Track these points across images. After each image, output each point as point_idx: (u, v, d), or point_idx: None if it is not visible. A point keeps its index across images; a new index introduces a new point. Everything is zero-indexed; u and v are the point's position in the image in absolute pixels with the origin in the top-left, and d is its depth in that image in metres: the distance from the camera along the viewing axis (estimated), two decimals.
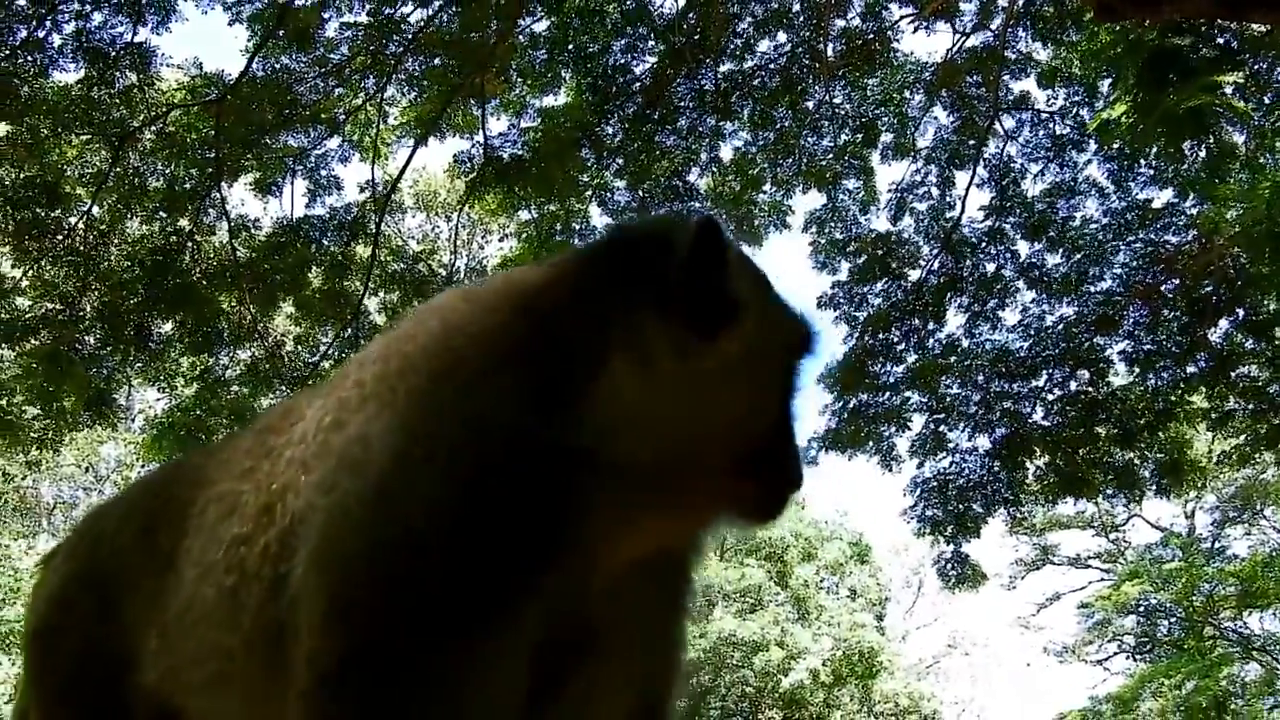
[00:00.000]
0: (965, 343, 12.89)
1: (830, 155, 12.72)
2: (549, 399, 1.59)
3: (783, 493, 1.74)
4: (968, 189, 12.73)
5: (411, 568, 1.55)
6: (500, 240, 14.03)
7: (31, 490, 22.53)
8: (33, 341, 11.24)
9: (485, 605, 1.56)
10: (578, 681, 1.75)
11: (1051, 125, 12.50)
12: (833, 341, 12.76)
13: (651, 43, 11.93)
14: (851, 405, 12.98)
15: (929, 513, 12.91)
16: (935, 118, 12.81)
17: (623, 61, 11.84)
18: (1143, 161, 11.96)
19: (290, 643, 1.64)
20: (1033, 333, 12.71)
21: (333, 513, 1.62)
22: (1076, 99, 12.28)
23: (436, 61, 11.60)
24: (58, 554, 2.41)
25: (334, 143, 12.21)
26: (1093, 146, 12.28)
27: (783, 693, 29.70)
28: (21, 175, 10.73)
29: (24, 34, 10.22)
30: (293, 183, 12.10)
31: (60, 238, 11.12)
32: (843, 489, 75.14)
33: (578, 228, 12.57)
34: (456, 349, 1.68)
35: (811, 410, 13.04)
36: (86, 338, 11.50)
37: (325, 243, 12.08)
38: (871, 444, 13.01)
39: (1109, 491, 13.59)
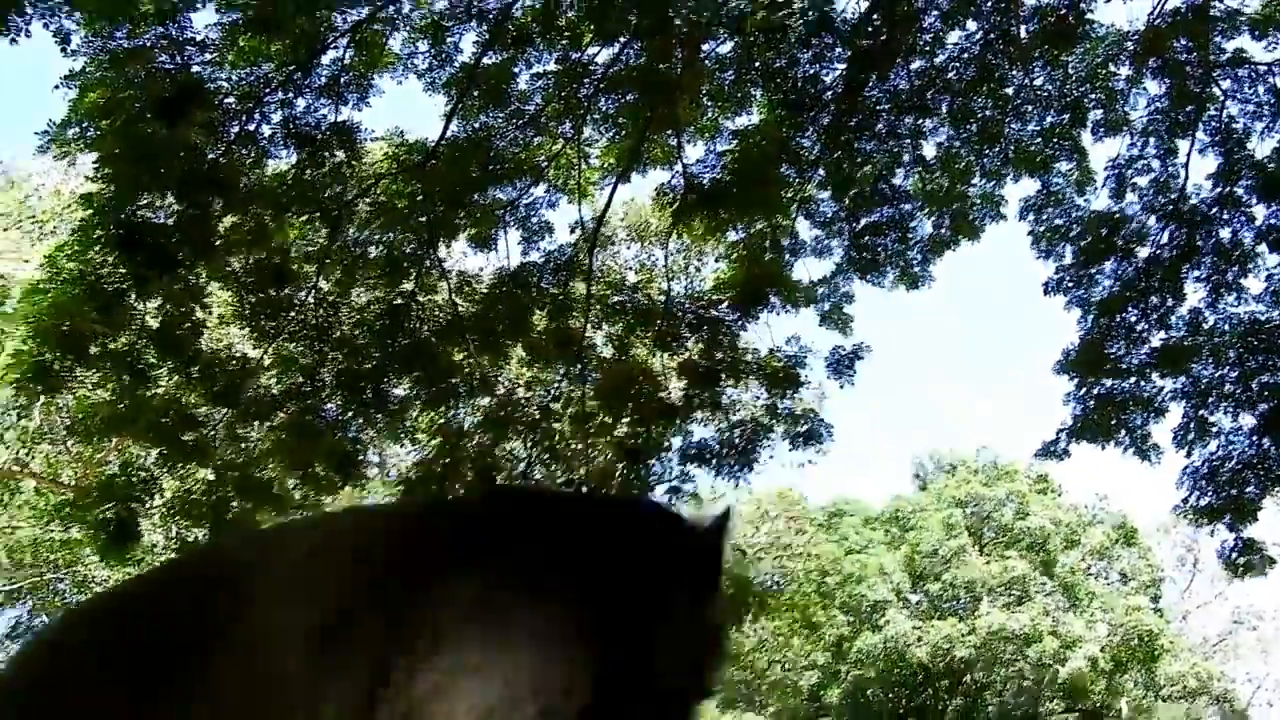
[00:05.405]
0: (1211, 318, 12.25)
1: (1038, 139, 12.31)
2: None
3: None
4: (1188, 157, 12.14)
5: None
6: (715, 261, 14.07)
7: None
8: (280, 415, 11.81)
9: None
10: None
11: (1272, 78, 11.78)
12: (1068, 327, 12.39)
13: (839, 49, 11.78)
14: (1096, 392, 12.52)
15: (1202, 501, 12.27)
16: (1144, 88, 12.25)
17: (811, 72, 11.72)
18: None
19: None
20: None
21: None
22: None
23: (628, 97, 11.73)
24: None
25: (540, 189, 12.45)
26: None
27: (1062, 683, 29.06)
28: (251, 261, 11.30)
29: (236, 128, 10.78)
30: (506, 234, 12.39)
31: (293, 314, 11.65)
32: (1099, 471, 72.75)
33: (786, 244, 12.50)
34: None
35: (1055, 399, 12.70)
36: (328, 405, 11.99)
37: (544, 286, 12.31)
38: (1124, 433, 12.48)
39: None
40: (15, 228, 20.49)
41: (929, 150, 12.36)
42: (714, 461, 12.90)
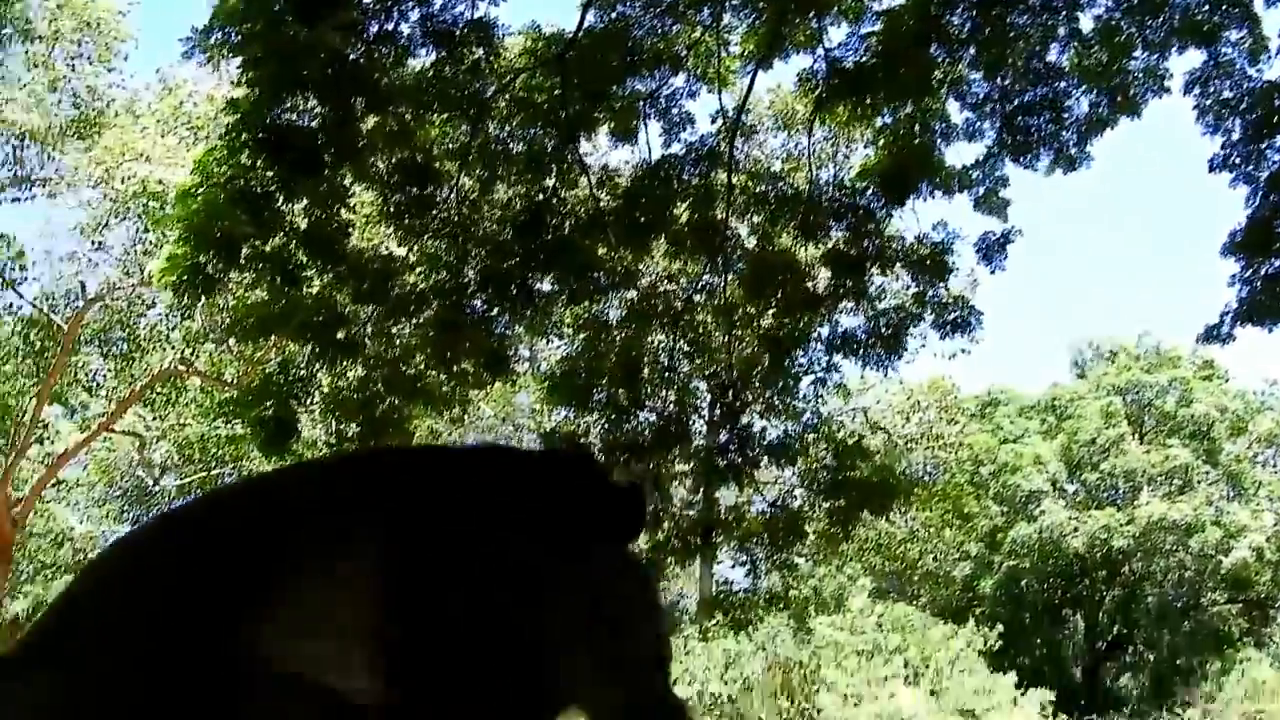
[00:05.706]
0: None
1: (1205, 6, 11.62)
2: None
3: None
4: None
5: None
6: (864, 147, 13.76)
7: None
8: (427, 312, 11.95)
9: None
10: None
11: None
12: (1233, 207, 11.83)
13: None
14: (1265, 272, 11.98)
15: None
16: None
17: None
18: None
19: None
20: None
21: None
22: None
23: None
24: None
25: (680, 79, 12.26)
26: None
27: (1225, 574, 28.61)
28: (394, 160, 11.35)
29: (375, 28, 10.76)
30: (646, 126, 12.25)
31: (436, 213, 11.72)
32: (1270, 356, 70.36)
33: (937, 127, 12.13)
34: None
35: (1220, 281, 12.22)
36: (474, 301, 12.10)
37: (686, 178, 12.18)
38: None
39: None
40: (171, 134, 20.99)
41: (1086, 23, 11.75)
42: (861, 351, 12.74)
